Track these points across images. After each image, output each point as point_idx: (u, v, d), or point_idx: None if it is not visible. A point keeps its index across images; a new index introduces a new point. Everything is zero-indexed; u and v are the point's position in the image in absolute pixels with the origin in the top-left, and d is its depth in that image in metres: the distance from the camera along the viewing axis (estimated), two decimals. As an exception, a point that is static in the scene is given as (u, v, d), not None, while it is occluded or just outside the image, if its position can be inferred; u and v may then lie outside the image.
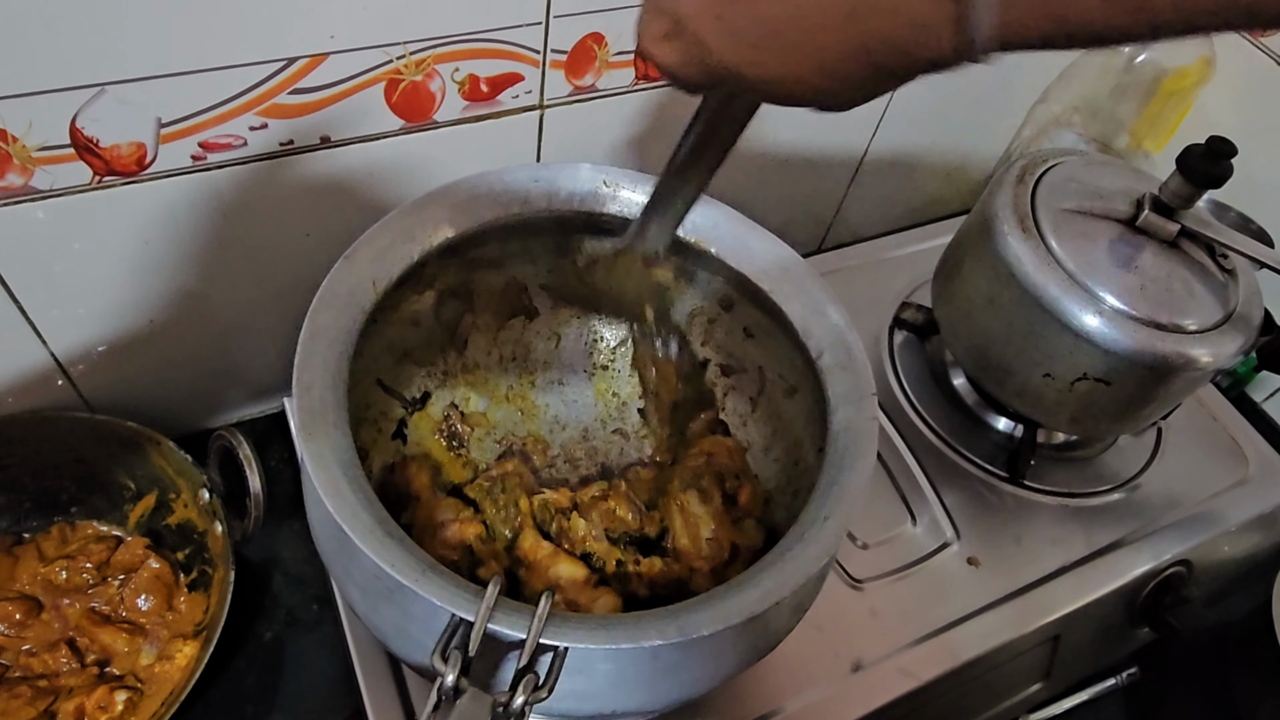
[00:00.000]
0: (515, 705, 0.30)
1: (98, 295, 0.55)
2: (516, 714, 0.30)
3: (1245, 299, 0.59)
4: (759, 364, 0.52)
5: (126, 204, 0.50)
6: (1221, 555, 0.70)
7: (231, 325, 0.61)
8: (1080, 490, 0.68)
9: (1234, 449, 0.73)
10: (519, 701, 0.30)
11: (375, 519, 0.33)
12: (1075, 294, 0.56)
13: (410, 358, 0.52)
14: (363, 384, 0.48)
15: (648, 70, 0.60)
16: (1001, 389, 0.63)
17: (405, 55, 0.51)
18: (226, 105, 0.48)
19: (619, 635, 0.31)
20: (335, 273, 0.40)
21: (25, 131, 0.44)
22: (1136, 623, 0.67)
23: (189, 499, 0.59)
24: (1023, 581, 0.61)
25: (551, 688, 0.31)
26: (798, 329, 0.43)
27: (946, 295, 0.66)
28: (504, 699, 0.30)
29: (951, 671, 0.56)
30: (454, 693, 0.30)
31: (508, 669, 0.33)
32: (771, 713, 0.52)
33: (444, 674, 0.30)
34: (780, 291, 0.45)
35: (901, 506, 0.64)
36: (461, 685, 0.30)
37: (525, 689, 0.30)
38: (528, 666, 0.30)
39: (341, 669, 0.58)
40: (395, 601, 0.36)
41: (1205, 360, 0.56)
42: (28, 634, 0.55)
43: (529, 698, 0.30)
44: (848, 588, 0.58)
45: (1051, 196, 0.60)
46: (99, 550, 0.59)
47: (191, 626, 0.57)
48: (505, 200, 0.45)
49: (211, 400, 0.66)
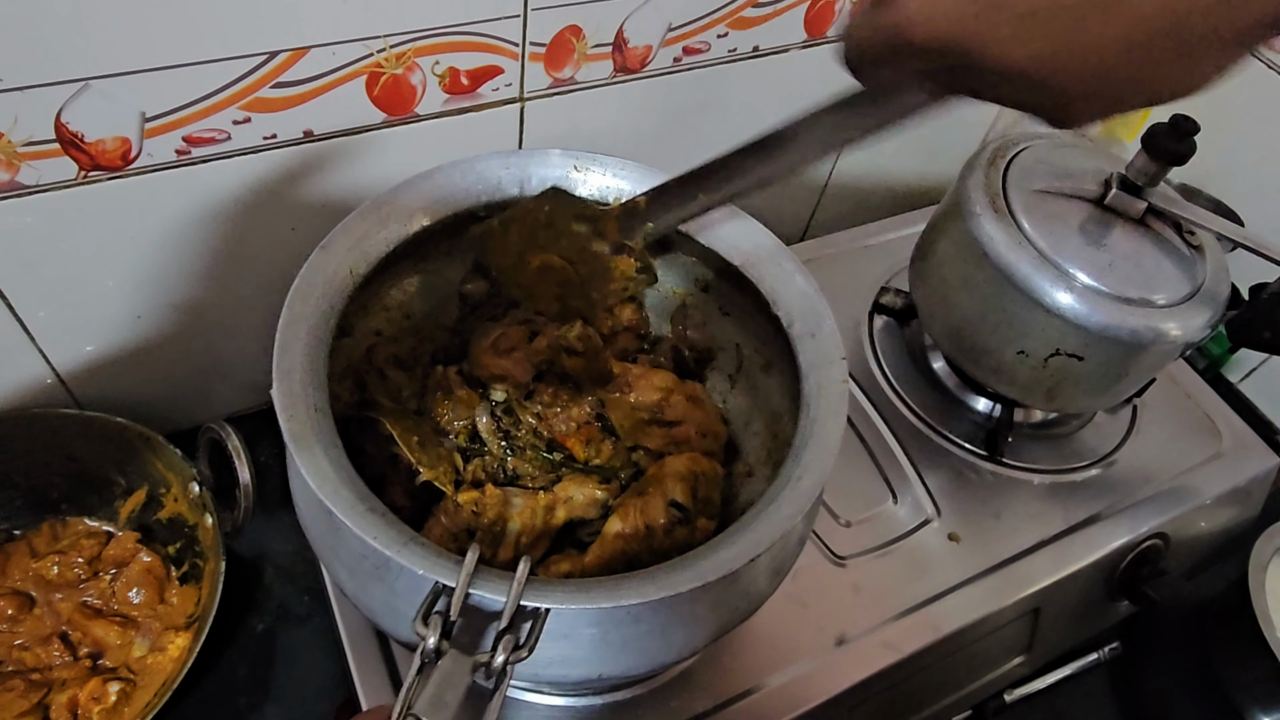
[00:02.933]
0: (496, 664, 0.31)
1: (84, 291, 0.55)
2: (498, 672, 0.31)
3: (1213, 274, 0.60)
4: (735, 341, 0.53)
5: (112, 199, 0.51)
6: (1198, 529, 0.71)
7: (218, 320, 0.62)
8: (1058, 467, 0.69)
9: (1208, 425, 0.74)
10: (499, 660, 0.31)
11: (357, 495, 0.34)
12: (1047, 272, 0.57)
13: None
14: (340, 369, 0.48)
15: (626, 62, 0.62)
16: (978, 368, 0.65)
17: (385, 49, 0.52)
18: (210, 99, 0.49)
19: (598, 596, 0.32)
20: (311, 262, 0.41)
21: (10, 127, 0.45)
22: (1115, 595, 0.69)
23: (179, 493, 0.60)
24: (1002, 556, 0.63)
25: (532, 647, 0.31)
26: (768, 300, 0.44)
27: (923, 277, 0.68)
28: (484, 659, 0.31)
29: (934, 644, 0.57)
30: (435, 655, 0.31)
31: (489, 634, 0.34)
32: (757, 686, 0.53)
33: (425, 637, 0.31)
34: (754, 268, 0.46)
35: (883, 485, 0.65)
36: (442, 648, 0.31)
37: (505, 648, 0.31)
38: (508, 628, 0.31)
39: (333, 660, 0.58)
40: (382, 578, 0.37)
41: (1175, 334, 0.57)
42: (20, 629, 0.56)
43: (509, 657, 0.31)
44: (831, 564, 0.59)
45: (1022, 178, 0.62)
46: (90, 545, 0.59)
47: (183, 619, 0.58)
48: (478, 189, 0.46)
49: (200, 396, 0.67)
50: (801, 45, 0.69)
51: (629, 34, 0.60)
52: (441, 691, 0.30)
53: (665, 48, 0.62)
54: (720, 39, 0.64)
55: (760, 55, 0.68)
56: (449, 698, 0.29)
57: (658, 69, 0.64)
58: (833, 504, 0.62)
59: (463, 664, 0.31)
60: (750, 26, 0.65)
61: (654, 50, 0.62)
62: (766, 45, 0.67)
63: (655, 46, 0.62)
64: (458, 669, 0.30)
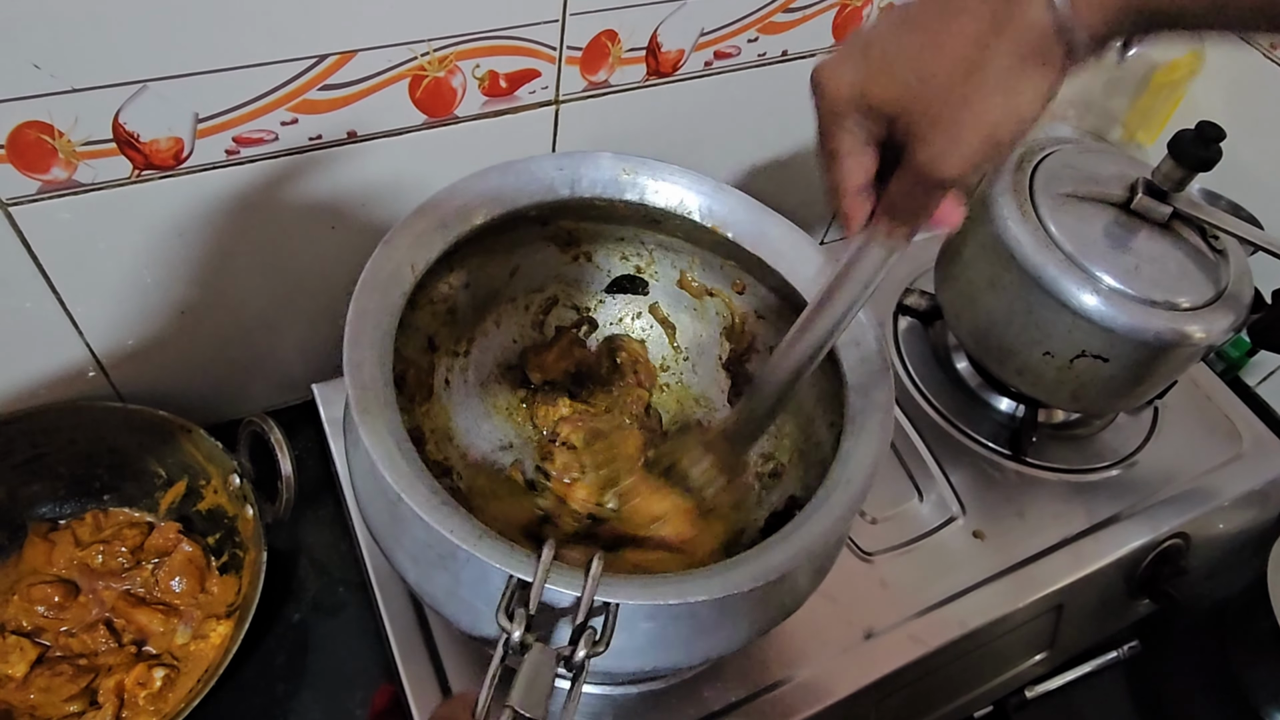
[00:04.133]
0: (577, 658, 0.32)
1: (131, 286, 0.57)
2: (578, 667, 0.32)
3: (1236, 278, 0.61)
4: (770, 345, 0.54)
5: (162, 196, 0.52)
6: (1217, 529, 0.72)
7: (259, 316, 0.63)
8: (1080, 466, 0.70)
9: (1228, 427, 0.75)
10: (580, 655, 0.32)
11: (430, 489, 0.35)
12: (1073, 274, 0.58)
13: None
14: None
15: (658, 66, 0.63)
16: (1003, 368, 0.66)
17: (429, 52, 0.53)
18: (260, 101, 0.50)
19: (666, 592, 0.33)
20: (376, 257, 0.42)
21: (71, 127, 0.46)
22: (1136, 594, 0.69)
23: (219, 485, 0.61)
24: (1026, 554, 0.64)
25: (608, 642, 0.33)
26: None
27: (949, 279, 0.69)
28: (566, 652, 0.32)
29: (959, 639, 0.58)
30: (520, 647, 0.32)
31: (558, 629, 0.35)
32: (787, 678, 0.54)
33: (510, 631, 0.32)
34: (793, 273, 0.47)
35: (909, 484, 0.66)
36: (527, 640, 0.32)
37: (586, 643, 0.32)
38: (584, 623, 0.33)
39: (367, 649, 0.60)
40: (447, 567, 0.38)
41: (1198, 336, 0.58)
42: (66, 615, 0.57)
43: (590, 651, 0.32)
44: (859, 560, 0.60)
45: (1049, 182, 0.63)
46: (133, 535, 0.60)
47: (224, 607, 0.59)
48: (531, 188, 0.48)
49: (238, 390, 0.68)
50: (829, 50, 0.70)
51: (662, 38, 0.61)
52: (533, 683, 0.31)
53: (697, 52, 0.64)
54: (750, 44, 0.66)
55: (789, 60, 0.69)
56: (541, 689, 0.31)
57: (689, 73, 0.65)
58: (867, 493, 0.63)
59: (548, 656, 0.32)
60: (780, 31, 0.66)
61: (686, 54, 0.63)
62: (795, 50, 0.68)
63: (688, 51, 0.63)
64: (545, 660, 0.32)
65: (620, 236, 0.57)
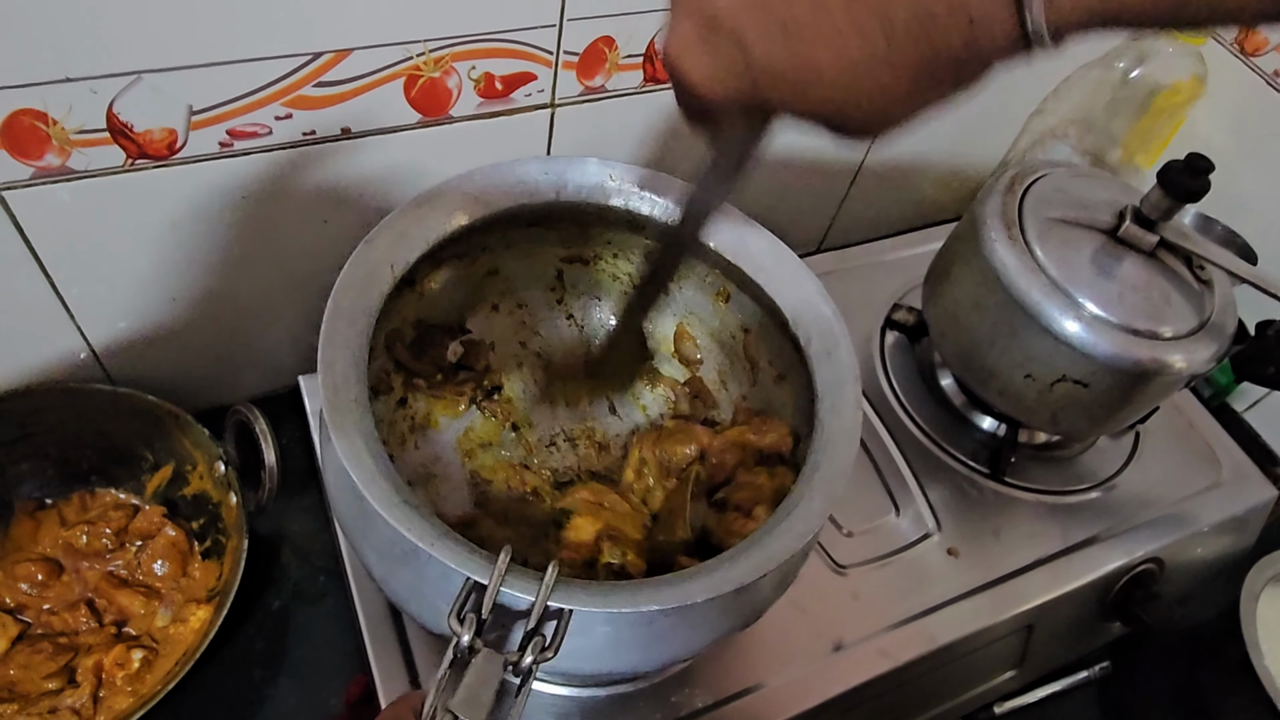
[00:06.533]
0: (524, 664, 0.33)
1: (123, 274, 0.57)
2: (525, 672, 0.33)
3: (1220, 309, 0.62)
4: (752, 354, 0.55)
5: (156, 186, 0.53)
6: (1193, 555, 0.73)
7: (249, 306, 0.64)
8: (1058, 488, 0.70)
9: (1208, 454, 0.76)
10: (527, 661, 0.33)
11: (394, 487, 0.35)
12: (1057, 299, 0.59)
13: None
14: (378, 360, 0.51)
15: (656, 73, 0.63)
16: (985, 389, 0.66)
17: (425, 53, 0.53)
18: (254, 95, 0.51)
19: (619, 600, 0.33)
20: (356, 256, 0.42)
21: (65, 115, 0.47)
22: (1108, 616, 0.70)
23: (205, 471, 0.62)
24: (1000, 572, 0.64)
25: (557, 649, 0.33)
26: (788, 318, 0.46)
27: (936, 297, 0.69)
28: (514, 658, 0.33)
29: (929, 654, 0.59)
30: (469, 652, 0.33)
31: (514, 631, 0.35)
32: (755, 686, 0.55)
33: (460, 635, 0.32)
34: (774, 284, 0.47)
35: (886, 498, 0.66)
36: (476, 645, 0.32)
37: (534, 650, 0.33)
38: (536, 628, 0.33)
39: (346, 638, 0.60)
40: (411, 565, 0.38)
41: (1179, 366, 0.59)
42: (49, 594, 0.58)
43: (537, 657, 0.33)
44: (832, 572, 0.61)
45: (1038, 206, 0.63)
46: (117, 517, 0.61)
47: (204, 592, 0.60)
48: (516, 191, 0.48)
49: (227, 378, 0.69)
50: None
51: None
52: (476, 689, 0.31)
53: (695, 60, 0.64)
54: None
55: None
56: (484, 696, 0.31)
57: (687, 80, 0.65)
58: (836, 514, 0.64)
59: (495, 662, 0.32)
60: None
61: (684, 62, 0.63)
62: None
63: (686, 59, 0.63)
64: (490, 667, 0.32)
65: (607, 240, 0.58)
